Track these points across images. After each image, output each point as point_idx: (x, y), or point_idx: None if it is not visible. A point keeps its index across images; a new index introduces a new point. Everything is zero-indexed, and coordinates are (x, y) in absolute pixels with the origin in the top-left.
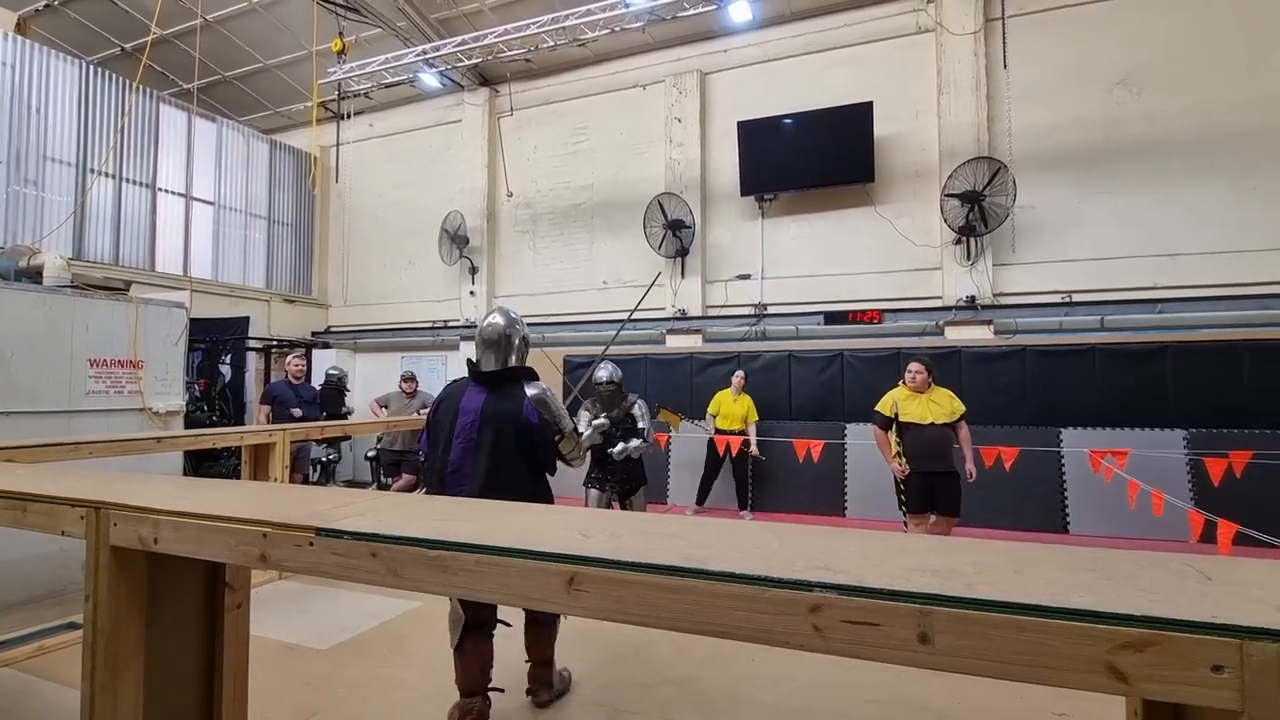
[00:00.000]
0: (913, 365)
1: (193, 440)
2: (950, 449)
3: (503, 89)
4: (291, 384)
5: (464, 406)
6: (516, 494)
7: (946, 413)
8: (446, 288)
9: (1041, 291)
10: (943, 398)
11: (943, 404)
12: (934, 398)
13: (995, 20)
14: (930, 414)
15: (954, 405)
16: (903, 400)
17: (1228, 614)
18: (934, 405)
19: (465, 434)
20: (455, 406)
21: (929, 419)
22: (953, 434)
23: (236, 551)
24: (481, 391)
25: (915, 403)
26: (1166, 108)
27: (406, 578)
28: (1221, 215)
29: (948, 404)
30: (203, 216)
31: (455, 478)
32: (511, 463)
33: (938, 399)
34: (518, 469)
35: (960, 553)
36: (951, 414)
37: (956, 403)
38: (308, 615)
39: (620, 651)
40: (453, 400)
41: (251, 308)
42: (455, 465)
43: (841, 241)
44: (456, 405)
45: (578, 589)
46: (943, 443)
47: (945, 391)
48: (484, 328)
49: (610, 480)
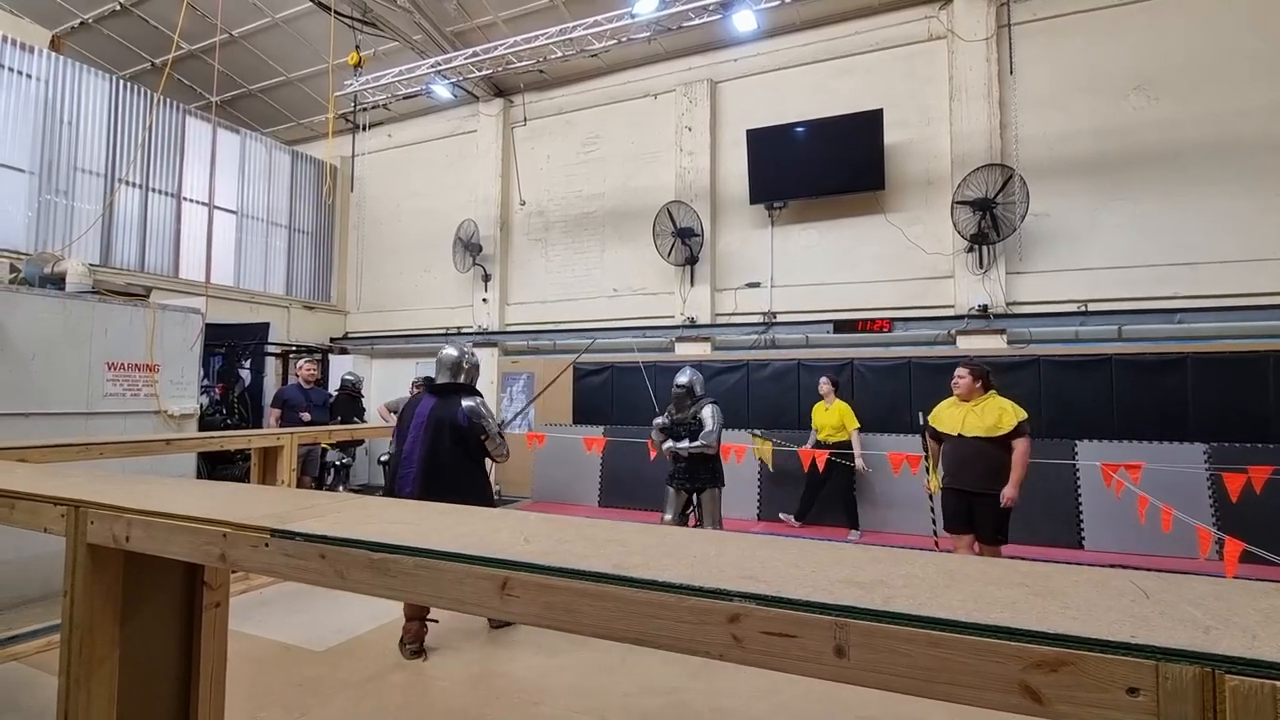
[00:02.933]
0: (957, 370)
1: (201, 442)
2: (990, 467)
3: (516, 99)
4: (303, 388)
5: (419, 410)
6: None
7: (986, 426)
8: (460, 295)
9: (1056, 301)
10: (991, 409)
11: (987, 416)
12: (981, 408)
13: (1006, 27)
14: (963, 425)
15: (1001, 420)
16: (942, 407)
17: (1149, 634)
18: (973, 416)
19: (416, 429)
20: (413, 410)
21: (958, 429)
22: (995, 450)
23: (199, 550)
24: (433, 399)
25: (952, 410)
26: (1184, 114)
27: (351, 580)
28: (1242, 224)
29: (993, 416)
30: (225, 225)
31: (406, 462)
32: (448, 452)
33: (985, 410)
34: (454, 457)
35: (895, 565)
36: (992, 429)
37: (1007, 417)
38: (307, 616)
39: (607, 661)
40: (411, 406)
41: (271, 314)
42: (407, 453)
43: (851, 249)
44: (414, 409)
45: (509, 594)
46: (977, 459)
47: (1000, 403)
48: (441, 355)
49: (678, 478)
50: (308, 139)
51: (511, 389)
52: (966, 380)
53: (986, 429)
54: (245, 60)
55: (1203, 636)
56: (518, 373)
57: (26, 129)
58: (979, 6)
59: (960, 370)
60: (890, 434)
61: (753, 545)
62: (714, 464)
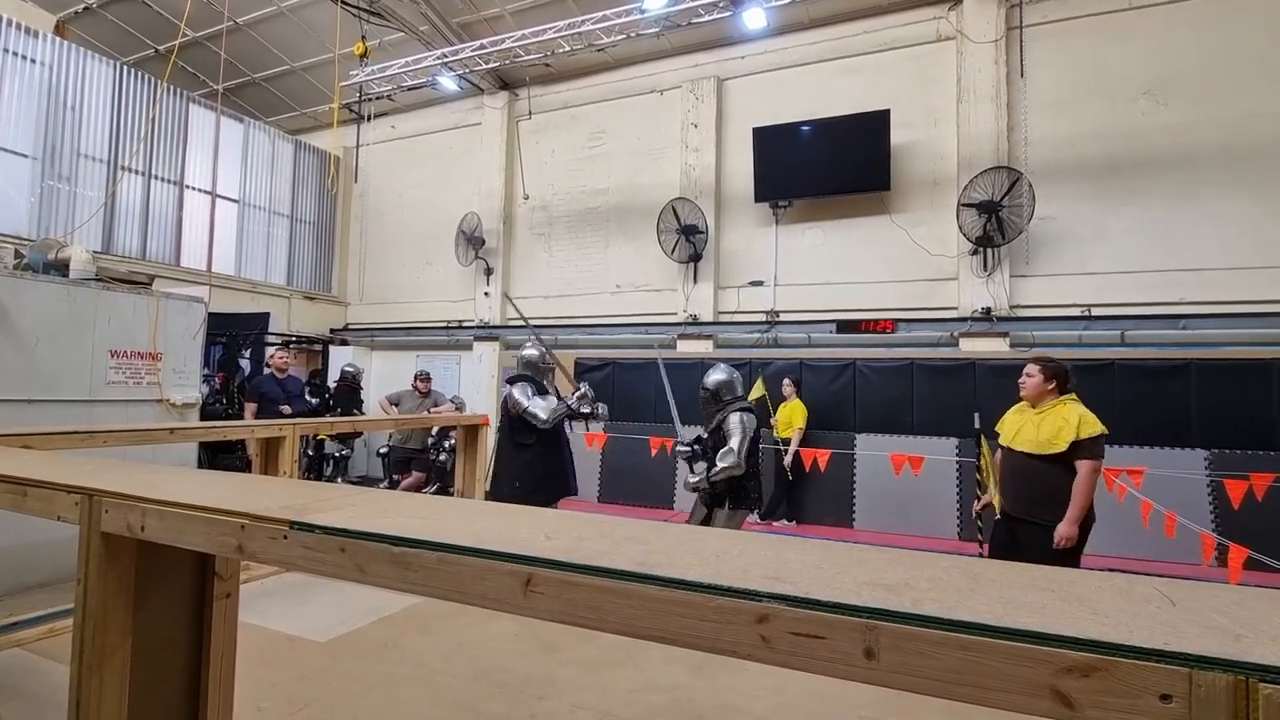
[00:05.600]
0: (1027, 367)
1: (205, 432)
2: (1038, 490)
3: (522, 93)
4: (276, 378)
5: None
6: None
7: (1039, 440)
8: (462, 288)
9: (1060, 304)
10: (1054, 419)
11: (1044, 428)
12: (1045, 416)
13: (1017, 29)
14: (1015, 435)
15: (1059, 434)
16: (1012, 413)
17: (1180, 641)
18: (1030, 426)
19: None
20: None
21: (1009, 440)
22: (1048, 470)
23: (215, 541)
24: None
25: (1014, 417)
26: (1192, 119)
27: (371, 574)
28: (1249, 230)
29: (1049, 429)
30: (228, 214)
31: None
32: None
33: (1046, 420)
34: (500, 439)
35: (919, 568)
36: (1045, 444)
37: (1067, 432)
38: (311, 607)
39: (611, 656)
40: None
41: (272, 304)
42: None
43: (856, 249)
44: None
45: (533, 591)
46: (1022, 478)
47: (1067, 412)
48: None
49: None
50: (311, 129)
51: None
52: (1036, 380)
53: (1038, 443)
54: (250, 49)
55: (1234, 645)
56: None
57: (30, 114)
58: (989, 8)
59: (1030, 367)
60: (892, 435)
61: (774, 546)
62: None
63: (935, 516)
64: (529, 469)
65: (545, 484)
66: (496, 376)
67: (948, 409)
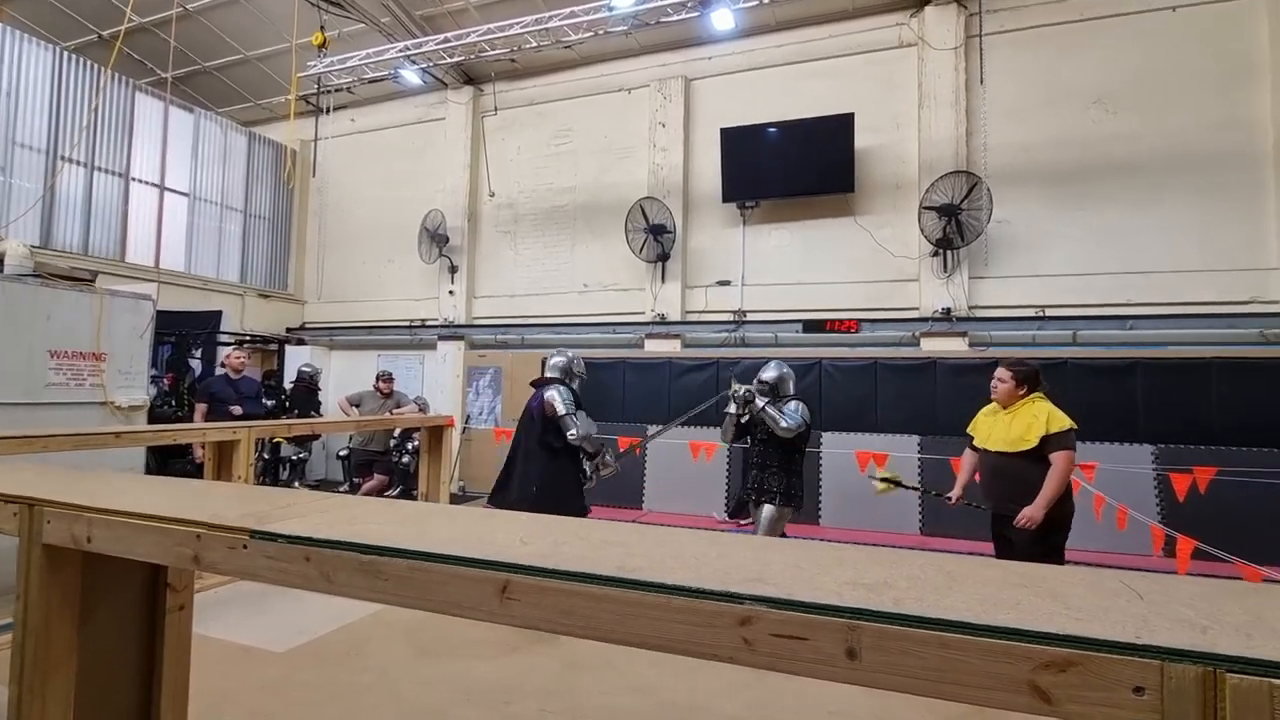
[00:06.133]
0: (997, 372)
1: (154, 436)
2: (1015, 487)
3: (487, 88)
4: (230, 379)
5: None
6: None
7: (1010, 439)
8: (425, 287)
9: (1016, 305)
10: (1024, 417)
11: (1015, 426)
12: (1015, 415)
13: (976, 37)
14: (990, 436)
15: (1029, 430)
16: (983, 415)
17: (1151, 634)
18: (1002, 426)
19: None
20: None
21: (984, 441)
22: (1024, 466)
23: (170, 552)
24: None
25: (987, 419)
26: (1141, 128)
27: (339, 583)
28: (1192, 236)
29: (1021, 426)
30: (177, 208)
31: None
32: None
33: (1019, 417)
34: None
35: (896, 566)
36: (1016, 441)
37: (1036, 428)
38: (267, 617)
39: (580, 659)
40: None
41: (225, 301)
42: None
43: (821, 250)
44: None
45: (510, 598)
46: (999, 476)
47: (1035, 410)
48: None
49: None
50: (266, 120)
51: (478, 383)
52: (1008, 386)
53: (1010, 441)
54: (201, 36)
55: (1201, 637)
56: (484, 367)
57: None
58: (949, 16)
59: (1000, 372)
60: (857, 433)
61: (754, 546)
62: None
63: (899, 512)
64: (554, 472)
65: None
66: (462, 377)
67: (910, 407)
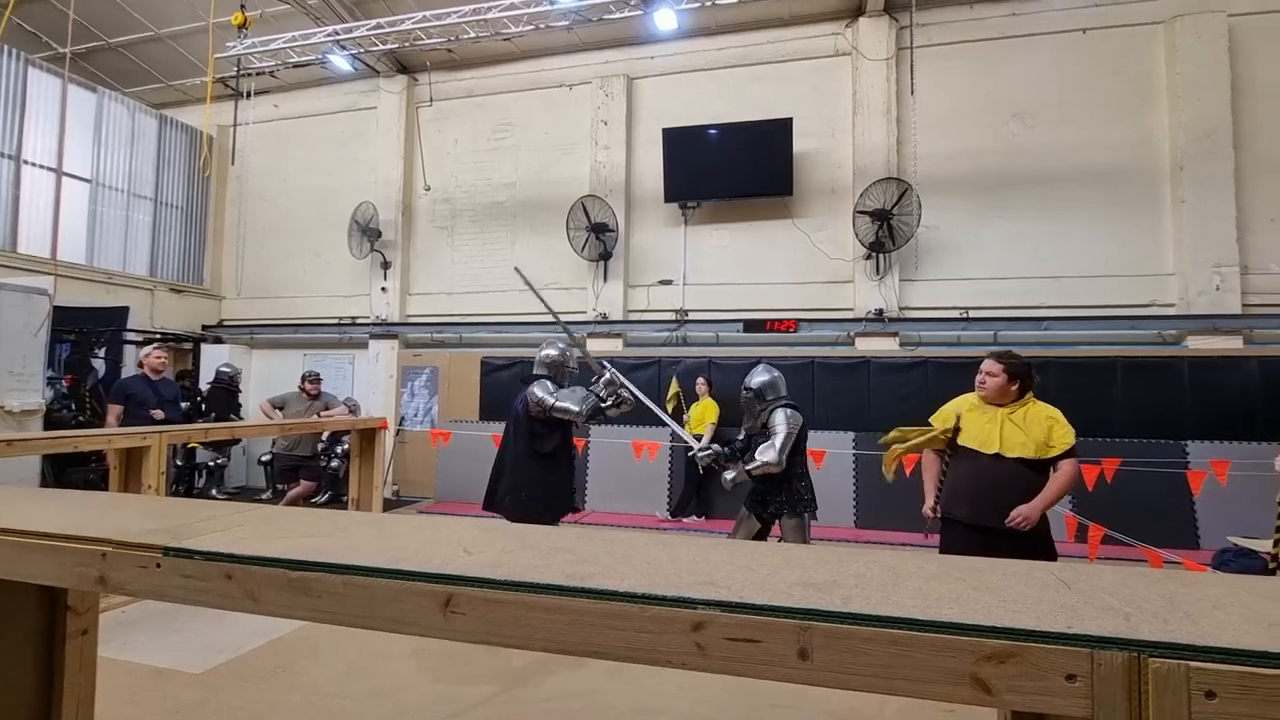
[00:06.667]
0: (985, 364)
1: (50, 443)
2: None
3: (422, 78)
4: (150, 380)
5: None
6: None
7: (1034, 443)
8: (356, 283)
9: (942, 307)
10: (1037, 420)
11: (1033, 429)
12: (1021, 417)
13: (906, 49)
14: (998, 440)
15: (1052, 434)
16: (968, 413)
17: (1081, 623)
18: (1013, 427)
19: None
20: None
21: (994, 446)
22: (1037, 476)
23: (71, 574)
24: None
25: (982, 420)
26: (1052, 142)
27: (266, 602)
28: (1098, 244)
29: (1039, 430)
30: (77, 194)
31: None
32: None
33: (1028, 420)
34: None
35: (842, 564)
36: (1043, 447)
37: (1060, 431)
38: (182, 635)
39: (524, 664)
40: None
41: (132, 296)
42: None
43: (761, 251)
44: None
45: (454, 611)
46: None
47: (1046, 412)
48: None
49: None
50: (180, 103)
51: (413, 384)
52: (999, 380)
53: (1035, 447)
54: (105, 9)
55: (1125, 624)
56: (420, 367)
57: None
58: (881, 28)
59: (988, 364)
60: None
61: (703, 548)
62: (792, 484)
63: (835, 506)
64: (544, 479)
65: (555, 499)
66: (396, 377)
67: (845, 405)
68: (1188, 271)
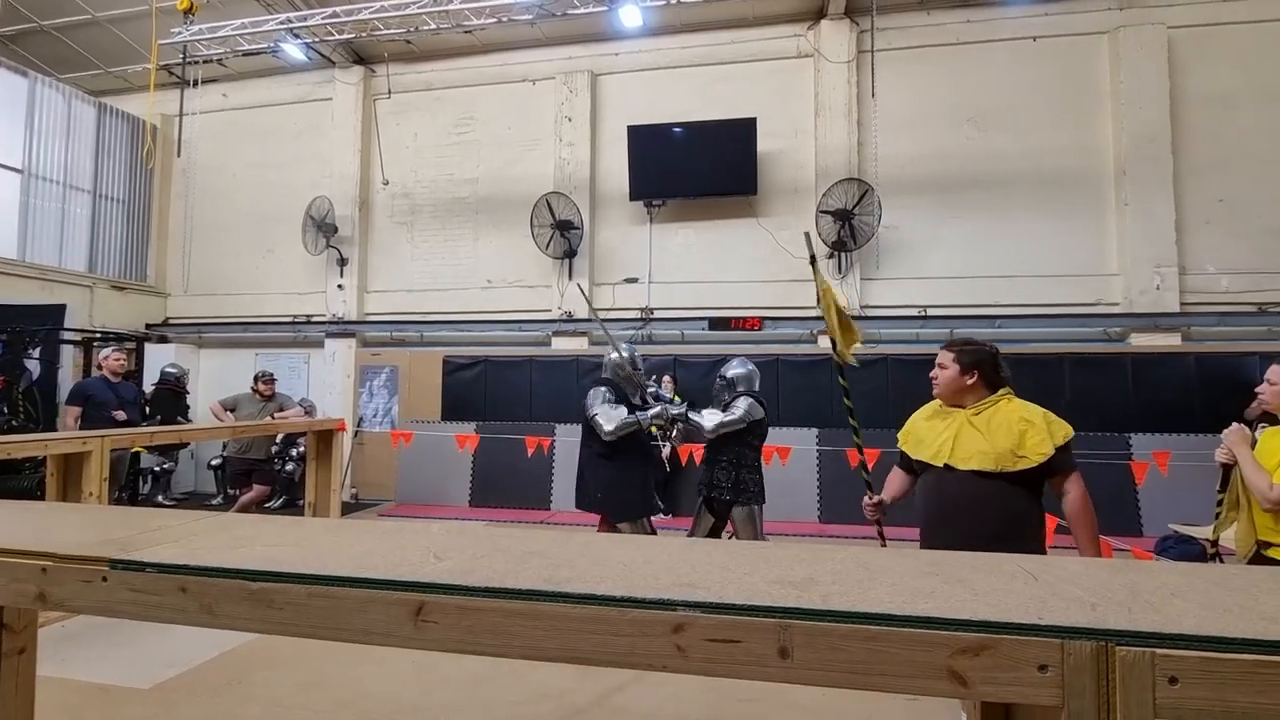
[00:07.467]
0: (938, 356)
1: None
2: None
3: (380, 69)
4: (110, 381)
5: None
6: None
7: (990, 454)
8: (311, 280)
9: (902, 305)
10: (1005, 423)
11: (996, 435)
12: (985, 419)
13: (867, 52)
14: (953, 448)
15: (1025, 439)
16: (926, 419)
17: (1051, 615)
18: (971, 432)
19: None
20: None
21: (943, 457)
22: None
23: (6, 591)
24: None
25: (933, 424)
26: (1005, 146)
27: (223, 615)
28: (1048, 244)
29: (1006, 437)
30: (7, 185)
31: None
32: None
33: (993, 423)
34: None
35: (819, 561)
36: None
37: (1035, 435)
38: (128, 649)
39: (489, 670)
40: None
41: (69, 294)
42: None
43: (726, 250)
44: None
45: (426, 620)
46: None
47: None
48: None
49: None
50: (121, 91)
51: (371, 383)
52: (950, 373)
53: (996, 457)
54: None
55: (1092, 613)
56: (379, 366)
57: None
58: (843, 31)
59: (940, 355)
60: None
61: (679, 549)
62: (744, 474)
63: (799, 502)
64: (612, 480)
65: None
66: (354, 376)
67: (809, 402)
68: (1130, 271)
